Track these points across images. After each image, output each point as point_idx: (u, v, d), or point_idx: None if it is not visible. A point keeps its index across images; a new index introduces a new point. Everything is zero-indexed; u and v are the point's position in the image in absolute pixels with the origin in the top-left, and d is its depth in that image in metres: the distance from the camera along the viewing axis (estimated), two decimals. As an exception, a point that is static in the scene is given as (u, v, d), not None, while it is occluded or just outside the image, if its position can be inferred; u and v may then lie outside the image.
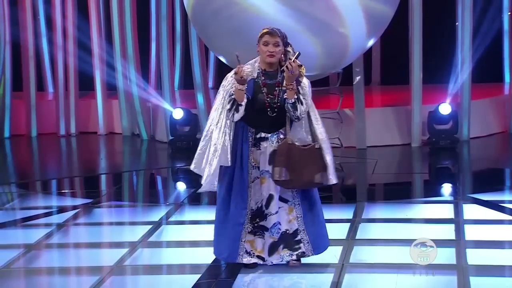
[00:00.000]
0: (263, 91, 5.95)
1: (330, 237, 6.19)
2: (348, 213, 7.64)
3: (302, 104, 5.89)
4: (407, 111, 10.98)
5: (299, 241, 6.05)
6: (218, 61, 12.00)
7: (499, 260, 6.27)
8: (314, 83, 10.12)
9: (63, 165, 11.02)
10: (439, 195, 8.66)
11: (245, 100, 5.87)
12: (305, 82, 5.99)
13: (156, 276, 6.26)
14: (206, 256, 6.33)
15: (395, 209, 7.90)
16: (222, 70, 11.16)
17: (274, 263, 6.08)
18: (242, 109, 5.87)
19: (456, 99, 11.02)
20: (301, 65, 5.91)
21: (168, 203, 8.45)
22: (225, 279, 5.98)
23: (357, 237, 6.89)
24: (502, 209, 7.65)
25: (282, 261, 6.08)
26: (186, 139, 11.07)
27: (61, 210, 8.21)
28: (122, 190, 9.40)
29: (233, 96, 5.86)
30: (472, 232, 6.94)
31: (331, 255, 6.31)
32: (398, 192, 8.75)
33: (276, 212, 6.01)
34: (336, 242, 6.65)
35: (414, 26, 10.76)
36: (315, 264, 6.22)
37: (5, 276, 6.26)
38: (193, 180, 9.08)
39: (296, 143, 5.96)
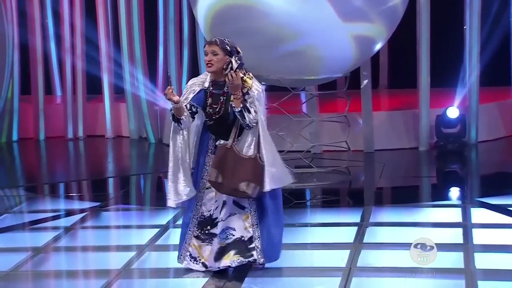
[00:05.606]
0: (208, 102, 5.99)
1: (337, 240, 6.19)
2: (355, 217, 7.62)
3: (249, 112, 5.88)
4: (415, 115, 10.96)
5: (253, 249, 6.00)
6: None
7: (507, 264, 6.25)
8: (321, 87, 10.26)
9: (71, 168, 11.02)
10: (447, 199, 8.64)
11: (185, 114, 5.92)
12: (254, 90, 5.94)
13: (164, 280, 6.26)
14: (214, 259, 6.32)
15: (403, 213, 7.89)
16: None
17: (220, 267, 6.04)
18: (184, 122, 5.92)
19: (464, 102, 11.00)
20: (245, 73, 5.92)
21: (176, 206, 8.43)
22: (233, 283, 5.98)
23: (364, 241, 6.87)
24: (510, 213, 7.63)
25: (230, 266, 6.02)
26: (193, 143, 11.04)
27: (69, 213, 8.22)
28: (130, 193, 9.40)
29: (172, 112, 5.92)
30: (480, 236, 6.93)
31: (339, 258, 6.30)
32: (406, 196, 8.73)
33: (227, 218, 6.01)
34: (344, 246, 6.65)
35: (421, 29, 10.75)
36: (323, 267, 6.22)
37: (13, 279, 6.27)
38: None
39: (236, 150, 5.92)
